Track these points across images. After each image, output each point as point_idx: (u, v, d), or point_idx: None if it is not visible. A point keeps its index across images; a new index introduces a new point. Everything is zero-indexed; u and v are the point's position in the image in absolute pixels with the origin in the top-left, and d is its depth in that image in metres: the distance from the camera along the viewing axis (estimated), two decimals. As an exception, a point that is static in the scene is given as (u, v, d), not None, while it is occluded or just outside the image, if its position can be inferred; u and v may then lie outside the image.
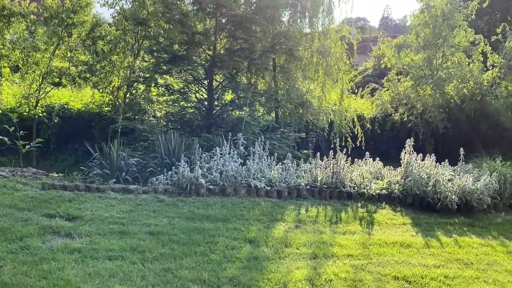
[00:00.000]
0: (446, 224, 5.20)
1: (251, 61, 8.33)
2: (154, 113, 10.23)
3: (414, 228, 4.99)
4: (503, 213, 5.83)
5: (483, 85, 11.59)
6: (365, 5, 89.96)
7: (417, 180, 5.72)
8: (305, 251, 4.04)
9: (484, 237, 4.80)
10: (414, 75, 11.73)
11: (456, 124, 11.63)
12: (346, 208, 5.49)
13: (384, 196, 5.90)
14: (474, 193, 5.57)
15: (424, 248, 4.36)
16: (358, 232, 4.68)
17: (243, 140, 6.43)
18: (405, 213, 5.51)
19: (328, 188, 5.90)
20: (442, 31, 11.50)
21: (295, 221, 4.84)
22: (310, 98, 10.94)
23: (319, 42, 11.21)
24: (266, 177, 5.85)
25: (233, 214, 4.81)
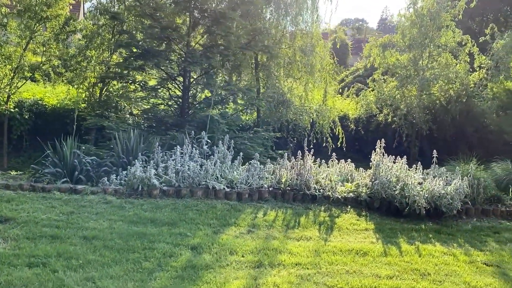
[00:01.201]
0: (412, 230, 4.93)
1: (225, 58, 8.06)
2: (131, 111, 9.95)
3: (376, 234, 4.72)
4: (475, 219, 5.56)
5: (470, 86, 11.33)
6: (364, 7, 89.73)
7: (384, 183, 5.44)
8: (251, 259, 3.77)
9: (448, 245, 4.53)
10: (399, 76, 11.46)
11: (441, 125, 11.36)
12: (308, 211, 5.21)
13: (350, 199, 5.63)
14: (443, 197, 5.30)
15: (381, 256, 4.09)
16: (314, 238, 4.41)
17: (207, 139, 6.15)
18: (370, 218, 5.24)
19: (292, 190, 5.63)
20: (429, 31, 11.23)
21: (249, 226, 4.57)
22: (292, 97, 10.68)
23: (302, 40, 10.95)
24: (228, 178, 5.57)
25: (183, 218, 4.53)
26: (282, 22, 10.73)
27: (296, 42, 10.91)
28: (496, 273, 3.91)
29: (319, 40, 10.94)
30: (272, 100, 9.98)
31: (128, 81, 8.77)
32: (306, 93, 11.23)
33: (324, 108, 11.09)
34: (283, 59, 11.16)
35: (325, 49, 11.17)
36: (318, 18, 11.05)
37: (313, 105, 11.17)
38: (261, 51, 8.68)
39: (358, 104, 12.17)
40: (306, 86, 11.11)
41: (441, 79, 11.25)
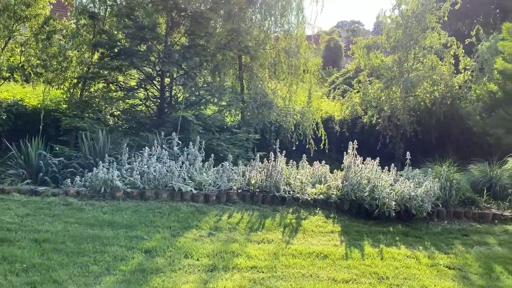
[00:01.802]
0: (379, 233, 4.86)
1: (203, 58, 7.98)
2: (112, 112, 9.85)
3: (342, 236, 4.65)
4: (446, 221, 5.49)
5: (454, 88, 11.30)
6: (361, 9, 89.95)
7: (354, 184, 5.37)
8: (205, 262, 3.68)
9: (414, 248, 4.45)
10: (384, 77, 11.42)
11: (426, 127, 11.32)
12: (275, 214, 5.13)
13: (321, 201, 5.56)
14: (413, 200, 5.23)
15: (341, 259, 4.01)
16: (276, 241, 4.33)
17: (178, 140, 6.06)
18: (338, 220, 5.17)
19: (261, 192, 5.55)
20: (414, 33, 11.20)
21: (211, 228, 4.48)
22: (276, 98, 10.62)
23: (286, 42, 10.90)
24: (196, 180, 5.48)
25: (143, 221, 4.44)
26: (265, 23, 10.69)
27: (280, 43, 10.87)
28: (456, 277, 3.84)
29: (303, 41, 10.88)
30: (255, 102, 9.92)
31: (106, 81, 8.68)
32: (290, 94, 11.17)
33: (308, 109, 11.03)
34: (267, 60, 11.11)
35: (309, 50, 11.11)
36: (303, 20, 10.99)
37: (297, 106, 11.11)
38: (241, 51, 8.61)
39: (343, 105, 12.12)
40: (290, 88, 11.05)
41: (426, 80, 11.22)
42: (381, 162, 6.53)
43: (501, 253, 4.46)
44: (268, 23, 10.69)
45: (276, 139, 10.86)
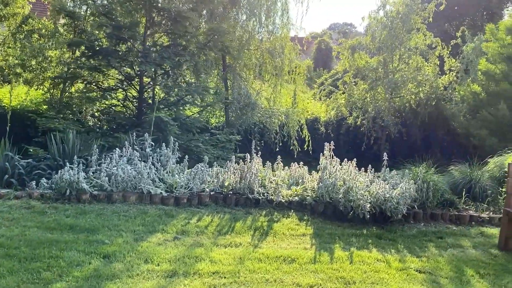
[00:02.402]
0: (352, 235, 4.75)
1: (181, 58, 7.85)
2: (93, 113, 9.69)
3: (313, 239, 4.53)
4: (422, 223, 5.40)
5: (439, 89, 11.27)
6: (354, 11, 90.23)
7: (328, 186, 5.27)
8: (165, 268, 3.55)
9: (385, 251, 4.35)
10: (369, 78, 11.37)
11: (411, 129, 11.28)
12: (247, 216, 5.01)
13: (295, 203, 5.44)
14: (388, 201, 5.14)
15: (309, 263, 3.90)
16: (244, 245, 4.20)
17: (150, 141, 5.92)
18: (312, 222, 5.06)
19: (235, 194, 5.42)
20: (399, 34, 11.16)
21: (177, 232, 4.35)
22: (260, 99, 10.53)
23: (270, 43, 10.82)
24: (168, 182, 5.35)
25: (106, 224, 4.30)
26: (249, 24, 10.61)
27: (264, 44, 10.78)
28: (426, 281, 3.73)
29: (288, 42, 10.81)
30: (238, 102, 9.80)
31: (84, 81, 8.52)
32: (275, 95, 11.10)
33: (292, 111, 10.95)
34: (251, 61, 11.02)
35: (294, 51, 11.04)
36: (288, 21, 10.94)
37: (282, 107, 11.03)
38: (221, 51, 8.50)
39: (328, 107, 12.05)
40: (275, 89, 10.97)
41: (411, 82, 11.18)
42: (366, 163, 6.47)
43: (474, 256, 4.37)
44: (252, 24, 10.60)
45: (260, 140, 10.82)
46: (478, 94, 10.01)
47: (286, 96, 11.95)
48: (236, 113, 9.74)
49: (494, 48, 10.02)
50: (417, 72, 10.97)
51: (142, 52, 7.65)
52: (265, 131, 10.75)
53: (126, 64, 7.97)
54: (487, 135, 9.43)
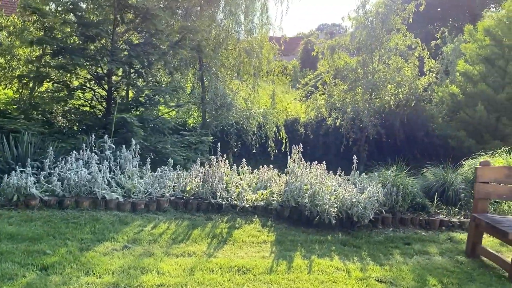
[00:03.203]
0: (315, 242, 4.56)
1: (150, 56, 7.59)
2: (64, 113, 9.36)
3: (274, 247, 4.33)
4: (391, 228, 5.23)
5: (419, 90, 11.18)
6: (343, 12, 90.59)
7: (293, 190, 5.07)
8: (107, 280, 3.30)
9: (348, 259, 4.16)
10: (348, 79, 11.23)
11: (390, 130, 11.16)
12: (207, 223, 4.78)
13: (260, 208, 5.24)
14: (355, 206, 4.96)
15: (265, 273, 3.69)
16: (198, 254, 3.97)
17: (111, 143, 5.66)
18: (276, 228, 4.85)
19: (196, 199, 5.19)
20: (379, 34, 11.04)
21: (128, 241, 4.10)
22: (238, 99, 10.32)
23: (248, 42, 10.62)
24: (126, 186, 5.09)
25: (52, 233, 4.03)
26: (226, 22, 10.40)
27: (241, 43, 10.58)
28: (385, 291, 3.56)
29: (266, 42, 10.64)
30: (214, 103, 9.58)
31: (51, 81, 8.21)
32: (254, 96, 10.90)
33: (271, 111, 10.77)
34: (229, 61, 10.82)
35: (272, 51, 10.86)
36: (268, 20, 10.76)
37: (261, 108, 10.84)
38: (193, 50, 8.25)
39: (308, 107, 11.89)
40: (253, 89, 10.78)
41: (390, 82, 11.08)
42: (345, 165, 6.33)
43: (439, 264, 4.21)
44: (229, 23, 10.40)
45: (237, 141, 10.60)
46: (456, 95, 9.94)
47: (265, 96, 11.77)
48: (211, 113, 9.51)
49: (472, 49, 9.96)
50: (397, 73, 10.87)
51: (109, 51, 7.38)
52: (242, 132, 10.54)
53: (94, 63, 7.68)
54: (465, 136, 9.36)
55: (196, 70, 10.29)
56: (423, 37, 14.96)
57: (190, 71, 10.43)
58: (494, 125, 9.37)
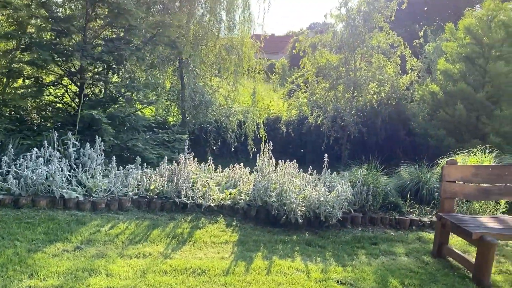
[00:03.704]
0: (280, 242, 4.44)
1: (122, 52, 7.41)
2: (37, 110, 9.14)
3: (236, 247, 4.20)
4: (360, 228, 5.14)
5: (401, 88, 11.14)
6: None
7: (260, 189, 4.95)
8: (51, 283, 3.15)
9: (311, 260, 4.05)
10: (331, 77, 11.14)
11: (372, 128, 11.11)
12: (170, 223, 4.64)
13: (227, 207, 5.11)
14: (322, 205, 4.85)
15: (221, 275, 3.56)
16: (154, 255, 3.83)
17: (74, 141, 5.49)
18: (241, 228, 4.72)
19: (160, 198, 5.05)
20: (361, 32, 10.97)
21: (82, 242, 3.94)
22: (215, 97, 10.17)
23: (228, 39, 10.48)
24: (87, 185, 4.93)
25: (1, 233, 3.86)
26: (206, 18, 10.26)
27: (221, 40, 10.43)
28: (344, 293, 3.45)
29: (247, 39, 10.52)
30: (192, 100, 9.42)
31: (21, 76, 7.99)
32: (234, 93, 10.77)
33: (252, 109, 10.65)
34: (209, 58, 10.67)
35: (253, 49, 10.73)
36: (250, 17, 10.62)
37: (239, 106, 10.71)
38: (168, 46, 8.08)
39: (290, 106, 11.79)
40: (233, 86, 10.65)
41: (372, 81, 11.02)
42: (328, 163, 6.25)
43: (404, 264, 4.11)
44: (209, 19, 10.25)
45: (216, 139, 10.46)
46: (436, 94, 9.89)
47: (246, 94, 11.64)
48: (189, 111, 9.36)
49: (453, 47, 9.91)
50: (379, 71, 10.81)
51: (81, 46, 7.19)
52: (222, 130, 10.41)
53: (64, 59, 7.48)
54: (445, 135, 9.32)
55: (176, 67, 10.13)
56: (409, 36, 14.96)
57: (170, 68, 10.28)
58: (474, 124, 9.34)
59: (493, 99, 9.25)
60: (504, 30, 9.26)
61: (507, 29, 9.24)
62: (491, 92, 9.20)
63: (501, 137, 8.61)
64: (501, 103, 9.02)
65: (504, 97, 9.07)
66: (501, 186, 4.36)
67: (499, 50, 9.24)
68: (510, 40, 9.33)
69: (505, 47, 9.22)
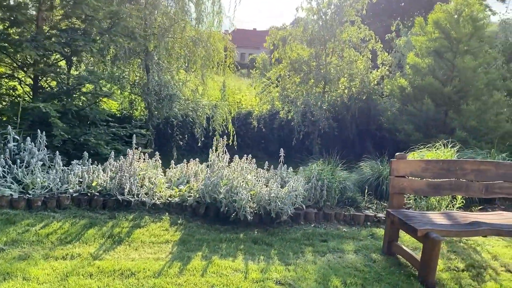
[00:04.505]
0: (225, 240, 4.25)
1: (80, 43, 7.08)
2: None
3: (176, 247, 3.99)
4: (313, 224, 4.98)
5: (372, 83, 11.05)
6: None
7: (208, 185, 4.74)
8: (-43, 290, 2.89)
9: (254, 259, 3.87)
10: (302, 71, 10.99)
11: (343, 123, 11.01)
12: (109, 222, 4.40)
13: (175, 205, 4.89)
14: (273, 201, 4.67)
15: (151, 277, 3.34)
16: (83, 256, 3.59)
17: (15, 135, 5.18)
18: (186, 226, 4.51)
19: (102, 196, 4.79)
20: (332, 25, 10.82)
21: (7, 242, 3.67)
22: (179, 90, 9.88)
23: (196, 31, 10.20)
24: (24, 181, 4.64)
25: None
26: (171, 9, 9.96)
27: (189, 32, 10.14)
28: (280, 295, 3.28)
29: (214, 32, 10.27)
30: (155, 94, 9.13)
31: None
32: (203, 87, 10.52)
33: (221, 103, 10.43)
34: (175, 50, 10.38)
35: (222, 42, 10.49)
36: (220, 9, 10.37)
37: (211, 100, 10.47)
38: (127, 37, 7.78)
39: (261, 100, 11.60)
40: (201, 80, 10.39)
41: (343, 75, 10.90)
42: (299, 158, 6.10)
43: (350, 262, 3.97)
44: (176, 10, 9.96)
45: (183, 134, 10.21)
46: (404, 88, 9.83)
47: (216, 88, 11.40)
48: (153, 105, 9.07)
49: (422, 42, 9.85)
50: (350, 66, 10.69)
51: (33, 37, 6.84)
52: (189, 125, 10.16)
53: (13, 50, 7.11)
54: (412, 130, 9.26)
55: (142, 60, 9.82)
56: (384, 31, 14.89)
57: (135, 60, 9.97)
58: (442, 118, 9.31)
59: (460, 93, 9.22)
60: (471, 25, 9.23)
61: (474, 24, 9.20)
62: (458, 86, 9.17)
63: (467, 132, 8.59)
64: (468, 97, 9.00)
65: (471, 91, 9.05)
66: (451, 181, 4.25)
67: (467, 45, 9.20)
68: (478, 34, 9.31)
69: (473, 42, 9.19)
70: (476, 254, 4.42)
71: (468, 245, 4.67)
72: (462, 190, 4.30)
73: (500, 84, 9.38)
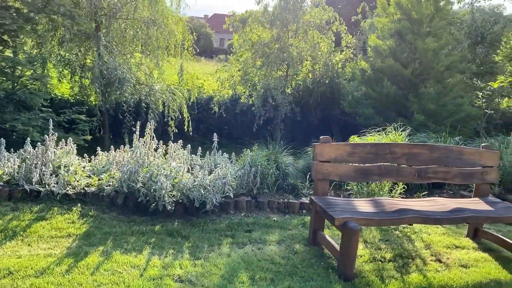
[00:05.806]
0: (136, 233, 3.89)
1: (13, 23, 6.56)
2: None
3: (77, 241, 3.62)
4: (243, 213, 4.66)
5: (335, 66, 10.73)
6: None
7: (125, 173, 4.37)
8: None
9: (161, 253, 3.53)
10: (264, 54, 10.59)
11: (306, 108, 10.70)
12: (9, 214, 4.00)
13: (92, 195, 4.50)
14: (196, 190, 4.33)
15: (31, 276, 2.98)
16: (-40, 254, 3.20)
17: None
18: (98, 218, 4.14)
19: (10, 186, 4.38)
20: (295, 6, 10.41)
21: None
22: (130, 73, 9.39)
23: (150, 13, 9.70)
24: None
25: None
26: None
27: (140, 13, 9.63)
28: (174, 293, 2.95)
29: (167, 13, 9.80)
30: (103, 78, 8.64)
31: None
32: (159, 71, 10.06)
33: (176, 88, 10.00)
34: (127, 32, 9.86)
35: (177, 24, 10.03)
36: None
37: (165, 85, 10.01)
38: (64, 16, 7.26)
39: (223, 85, 11.19)
40: (157, 64, 9.91)
41: (307, 58, 10.55)
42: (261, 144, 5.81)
43: (269, 254, 3.66)
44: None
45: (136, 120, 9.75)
46: (365, 71, 9.53)
47: (174, 73, 10.94)
48: (101, 89, 8.59)
49: (384, 23, 9.54)
50: (313, 48, 10.34)
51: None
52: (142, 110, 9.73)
53: None
54: (373, 114, 9.00)
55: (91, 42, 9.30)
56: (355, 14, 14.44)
57: (85, 43, 9.44)
58: (403, 102, 9.06)
59: (422, 76, 8.98)
60: (433, 5, 8.94)
61: (436, 4, 8.91)
62: (419, 69, 8.92)
63: (426, 115, 8.36)
64: (429, 80, 8.75)
65: (432, 74, 8.80)
66: (380, 166, 3.96)
67: (429, 26, 8.92)
68: (440, 15, 9.03)
69: (435, 23, 8.91)
70: (409, 242, 4.17)
71: (403, 233, 4.42)
72: (393, 175, 4.02)
73: (462, 66, 9.15)
